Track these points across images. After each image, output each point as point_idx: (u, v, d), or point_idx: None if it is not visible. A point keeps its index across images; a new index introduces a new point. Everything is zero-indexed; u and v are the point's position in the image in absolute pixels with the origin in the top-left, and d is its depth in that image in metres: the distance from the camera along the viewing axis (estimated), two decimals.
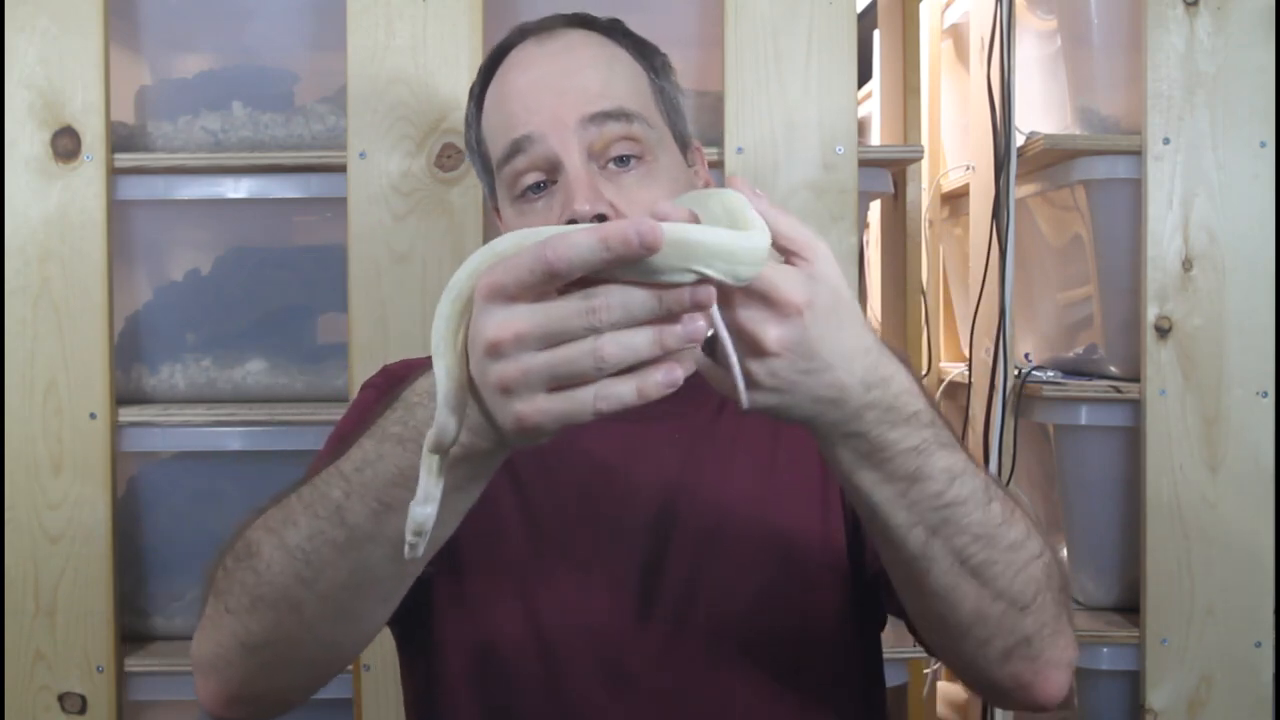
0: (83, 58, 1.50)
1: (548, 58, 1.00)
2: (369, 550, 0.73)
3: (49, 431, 1.50)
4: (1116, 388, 1.58)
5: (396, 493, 0.71)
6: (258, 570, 0.77)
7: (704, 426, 1.02)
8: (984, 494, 0.78)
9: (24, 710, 1.50)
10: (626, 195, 0.97)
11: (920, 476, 0.75)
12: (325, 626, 0.78)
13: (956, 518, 0.77)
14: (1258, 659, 1.53)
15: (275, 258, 1.63)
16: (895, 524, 0.77)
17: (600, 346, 0.61)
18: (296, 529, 0.75)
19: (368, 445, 0.73)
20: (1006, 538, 0.79)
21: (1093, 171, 1.58)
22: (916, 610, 0.85)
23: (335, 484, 0.74)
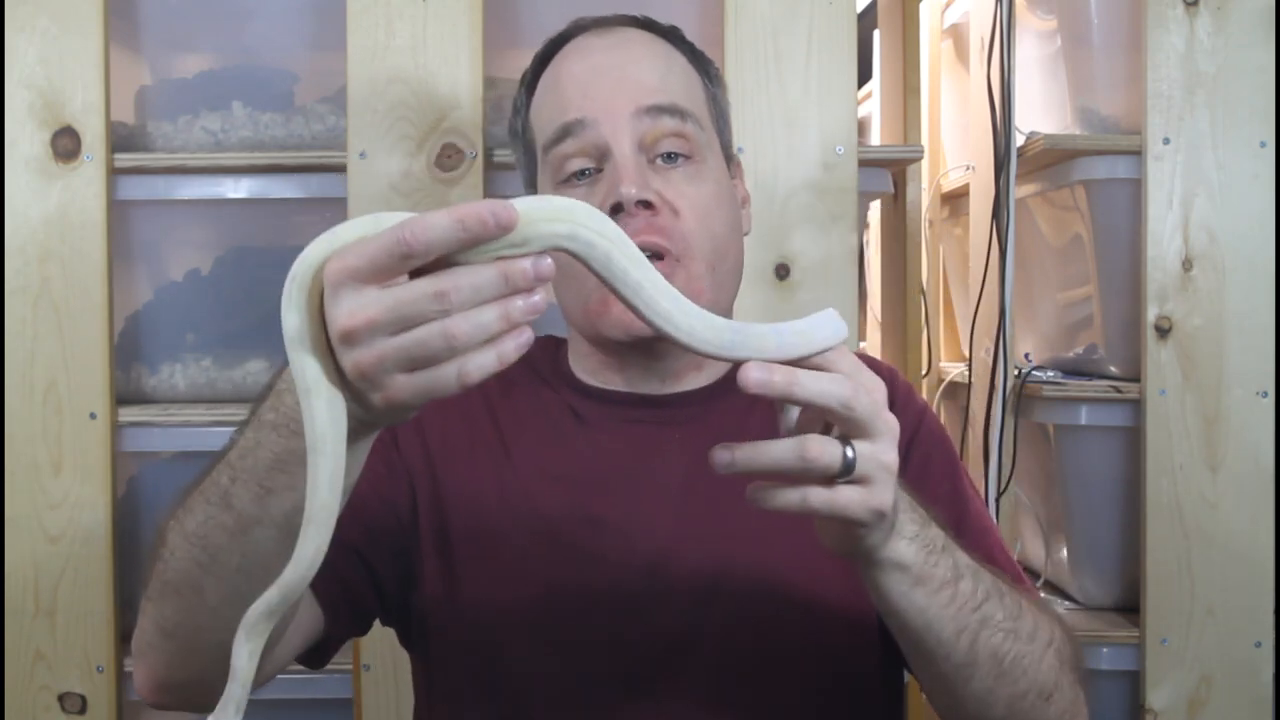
0: (83, 58, 1.50)
1: (607, 49, 1.00)
2: (256, 533, 0.73)
3: (49, 431, 1.50)
4: (1116, 388, 1.58)
5: (276, 477, 0.71)
6: (164, 558, 0.79)
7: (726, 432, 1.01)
8: (996, 586, 0.81)
9: (24, 710, 1.50)
10: (674, 189, 0.97)
11: (957, 575, 0.77)
12: (226, 610, 0.77)
13: (989, 614, 0.79)
14: (1258, 659, 1.53)
15: (275, 258, 1.63)
16: (944, 637, 0.78)
17: (449, 327, 0.61)
18: (193, 515, 0.76)
19: (249, 433, 0.73)
20: (1024, 628, 0.82)
21: (1093, 171, 1.58)
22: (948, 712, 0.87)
23: (223, 471, 0.74)
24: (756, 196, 1.48)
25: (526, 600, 0.96)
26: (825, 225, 1.48)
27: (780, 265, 1.48)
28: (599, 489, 0.98)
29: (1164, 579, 1.53)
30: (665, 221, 0.96)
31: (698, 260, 0.97)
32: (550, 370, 1.06)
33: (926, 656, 0.80)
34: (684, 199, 0.97)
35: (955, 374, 2.01)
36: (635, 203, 0.94)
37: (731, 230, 1.01)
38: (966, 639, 0.78)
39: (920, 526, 0.75)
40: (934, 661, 0.80)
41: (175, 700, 0.87)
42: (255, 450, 0.72)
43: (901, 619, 0.78)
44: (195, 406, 1.56)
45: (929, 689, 0.86)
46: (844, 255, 1.49)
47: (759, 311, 1.43)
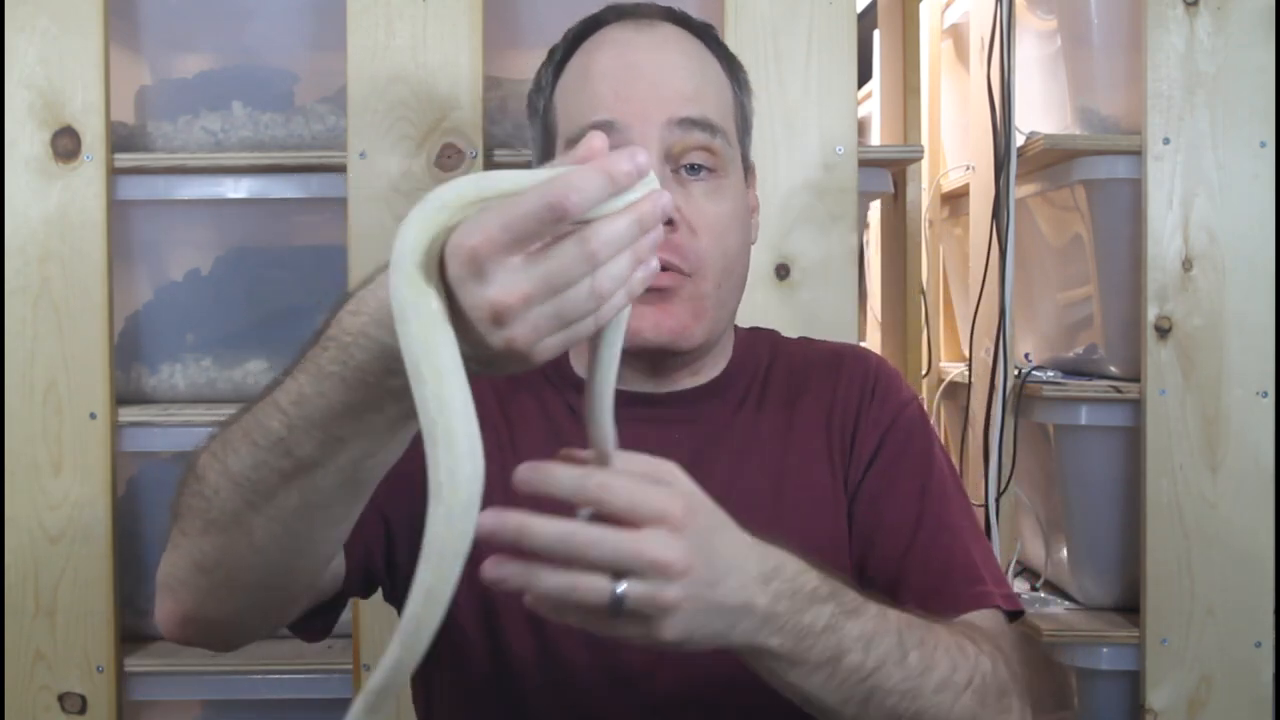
0: (83, 58, 1.50)
1: (645, 47, 0.98)
2: (318, 476, 0.72)
3: (49, 431, 1.50)
4: (1116, 388, 1.58)
5: (344, 425, 0.69)
6: (205, 495, 0.77)
7: (718, 431, 1.02)
8: (899, 649, 0.79)
9: (24, 710, 1.50)
10: (694, 205, 0.96)
11: (840, 653, 0.76)
12: (275, 549, 0.77)
13: (880, 682, 0.78)
14: (1258, 659, 1.53)
15: (275, 258, 1.63)
16: (828, 705, 0.77)
17: (598, 286, 0.60)
18: (238, 456, 0.74)
19: (303, 380, 0.70)
20: (930, 682, 0.80)
21: (1093, 171, 1.58)
22: None
23: (273, 415, 0.72)
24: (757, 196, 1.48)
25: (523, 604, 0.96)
26: (825, 225, 1.48)
27: (780, 265, 1.48)
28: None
29: (1164, 579, 1.53)
30: (682, 239, 0.96)
31: (708, 279, 0.97)
32: (554, 369, 1.06)
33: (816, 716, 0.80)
34: (703, 216, 0.96)
35: (955, 374, 2.01)
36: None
37: (742, 246, 1.02)
38: (854, 707, 0.78)
39: (792, 614, 0.73)
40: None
41: (200, 636, 0.87)
42: (316, 399, 0.69)
43: (779, 689, 0.77)
44: (195, 406, 1.56)
45: None
46: (844, 255, 1.48)
47: (759, 312, 1.43)
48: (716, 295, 0.97)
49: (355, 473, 0.72)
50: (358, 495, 0.76)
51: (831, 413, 1.02)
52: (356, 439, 0.70)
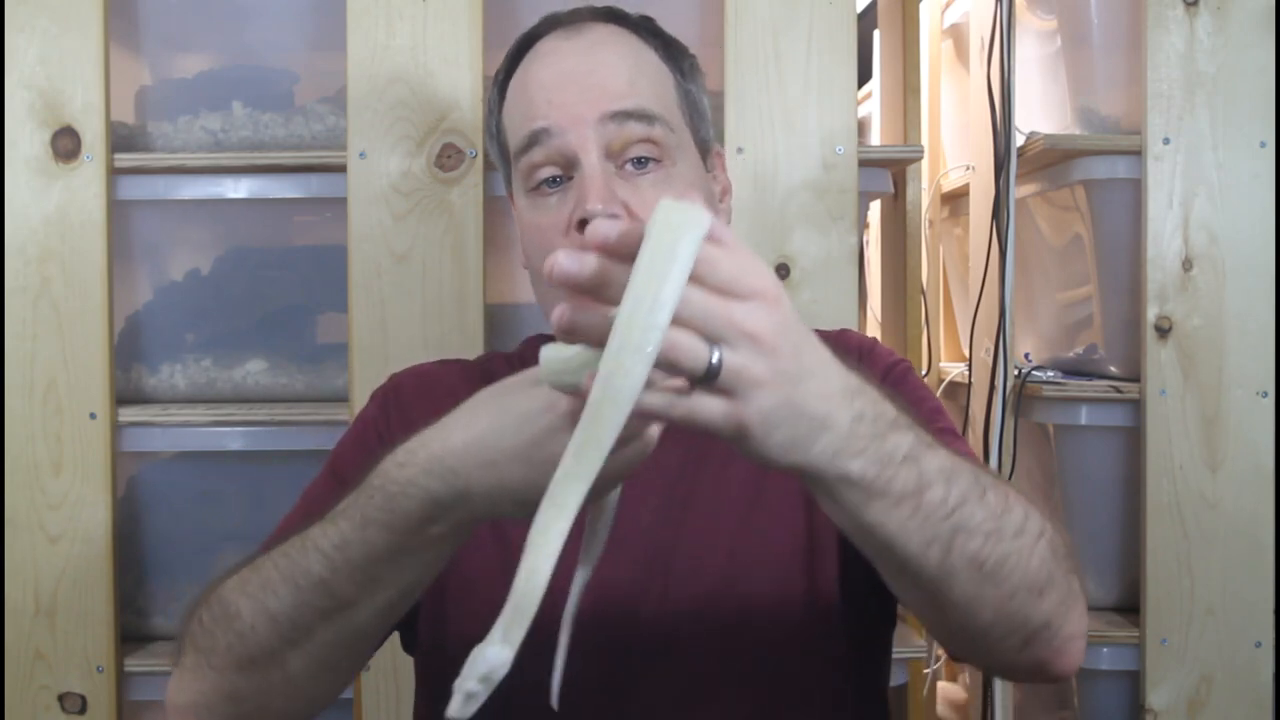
0: (83, 58, 1.50)
1: (574, 52, 1.00)
2: (357, 613, 0.77)
3: (49, 431, 1.50)
4: (1116, 388, 1.58)
5: (384, 568, 0.74)
6: (241, 633, 0.80)
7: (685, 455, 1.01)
8: (977, 486, 0.74)
9: (24, 710, 1.50)
10: (641, 197, 0.96)
11: (923, 486, 0.71)
12: (310, 679, 0.81)
13: (964, 521, 0.73)
14: (1258, 659, 1.53)
15: (275, 258, 1.63)
16: (912, 550, 0.72)
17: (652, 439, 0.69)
18: (278, 598, 0.78)
19: (345, 526, 0.75)
20: (1010, 525, 0.76)
21: (1093, 171, 1.58)
22: (935, 625, 0.83)
23: (314, 559, 0.76)
24: (756, 196, 1.48)
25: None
26: (825, 225, 1.48)
27: (780, 265, 1.48)
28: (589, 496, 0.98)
29: (1164, 579, 1.53)
30: None
31: None
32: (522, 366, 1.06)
33: (896, 571, 0.75)
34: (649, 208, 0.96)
35: (955, 374, 2.01)
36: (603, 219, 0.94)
37: None
38: (938, 550, 0.72)
39: (873, 440, 0.68)
40: (905, 575, 0.75)
41: None
42: (359, 544, 0.74)
43: (859, 536, 0.73)
44: (195, 406, 1.56)
45: (908, 602, 0.82)
46: (844, 255, 1.48)
47: None
48: None
49: (392, 607, 0.77)
50: (392, 622, 0.81)
51: None
52: (396, 580, 0.75)
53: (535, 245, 0.99)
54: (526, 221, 1.00)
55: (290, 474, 1.56)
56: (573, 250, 0.63)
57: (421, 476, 0.71)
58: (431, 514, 0.71)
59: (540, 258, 0.99)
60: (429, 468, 0.71)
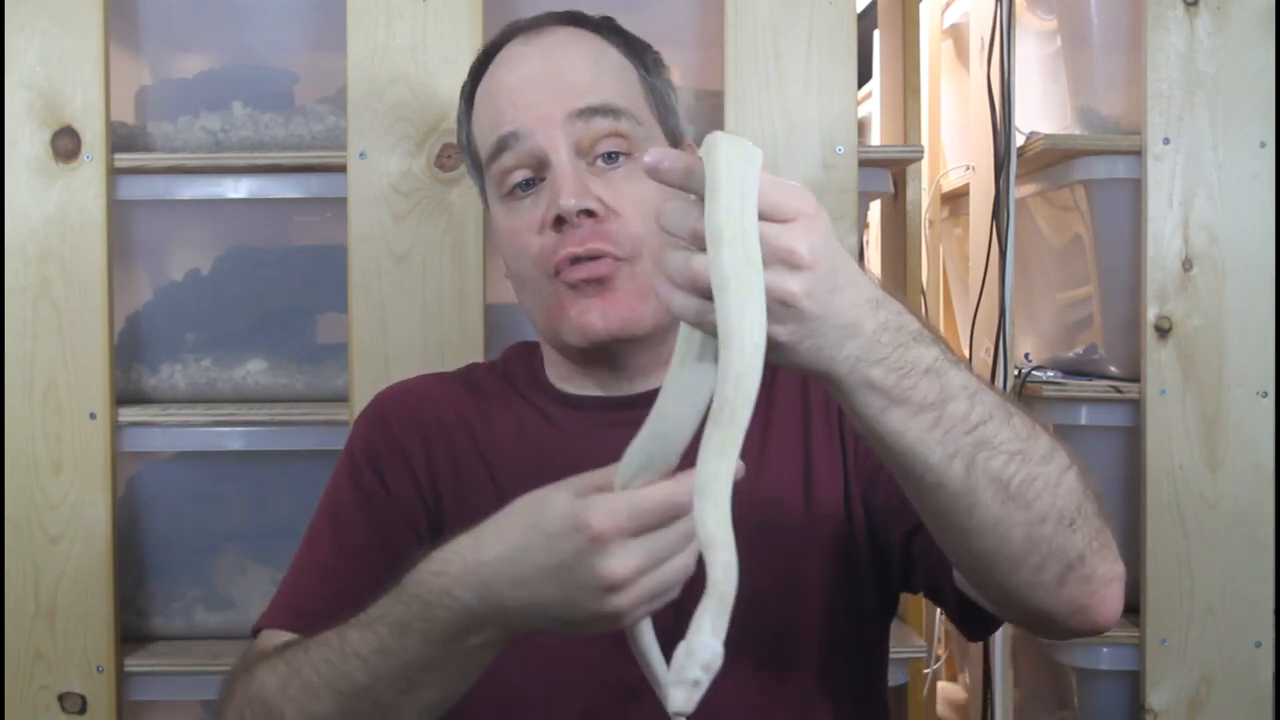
0: (83, 58, 1.50)
1: (536, 55, 1.00)
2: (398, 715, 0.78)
3: (49, 431, 1.50)
4: (1116, 388, 1.58)
5: (426, 675, 0.75)
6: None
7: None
8: (1003, 409, 0.75)
9: (24, 710, 1.50)
10: (615, 190, 0.96)
11: (945, 398, 0.72)
12: None
13: (988, 437, 0.73)
14: (1258, 659, 1.53)
15: (275, 258, 1.63)
16: (933, 462, 0.73)
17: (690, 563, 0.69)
18: (322, 703, 0.79)
19: (384, 633, 0.76)
20: (1037, 450, 0.76)
21: (1093, 171, 1.58)
22: (964, 555, 0.80)
23: (354, 666, 0.77)
24: None
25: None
26: None
27: None
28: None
29: (1164, 579, 1.53)
30: (609, 227, 0.96)
31: (647, 259, 0.96)
32: (527, 381, 1.06)
33: (919, 486, 0.75)
34: (626, 199, 0.96)
35: None
36: (577, 213, 0.94)
37: None
38: (960, 463, 0.73)
39: (896, 349, 0.70)
40: (927, 490, 0.75)
41: None
42: (399, 652, 0.75)
43: (882, 443, 0.73)
44: (195, 406, 1.56)
45: (939, 533, 0.80)
46: None
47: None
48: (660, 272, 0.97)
49: (436, 707, 0.78)
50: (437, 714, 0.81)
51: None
52: (436, 684, 0.76)
53: (514, 249, 0.99)
54: (503, 227, 1.00)
55: (290, 474, 1.56)
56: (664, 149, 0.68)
57: (456, 588, 0.71)
58: (468, 625, 0.72)
59: (520, 262, 0.99)
60: (463, 579, 0.71)
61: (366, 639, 0.77)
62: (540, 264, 0.97)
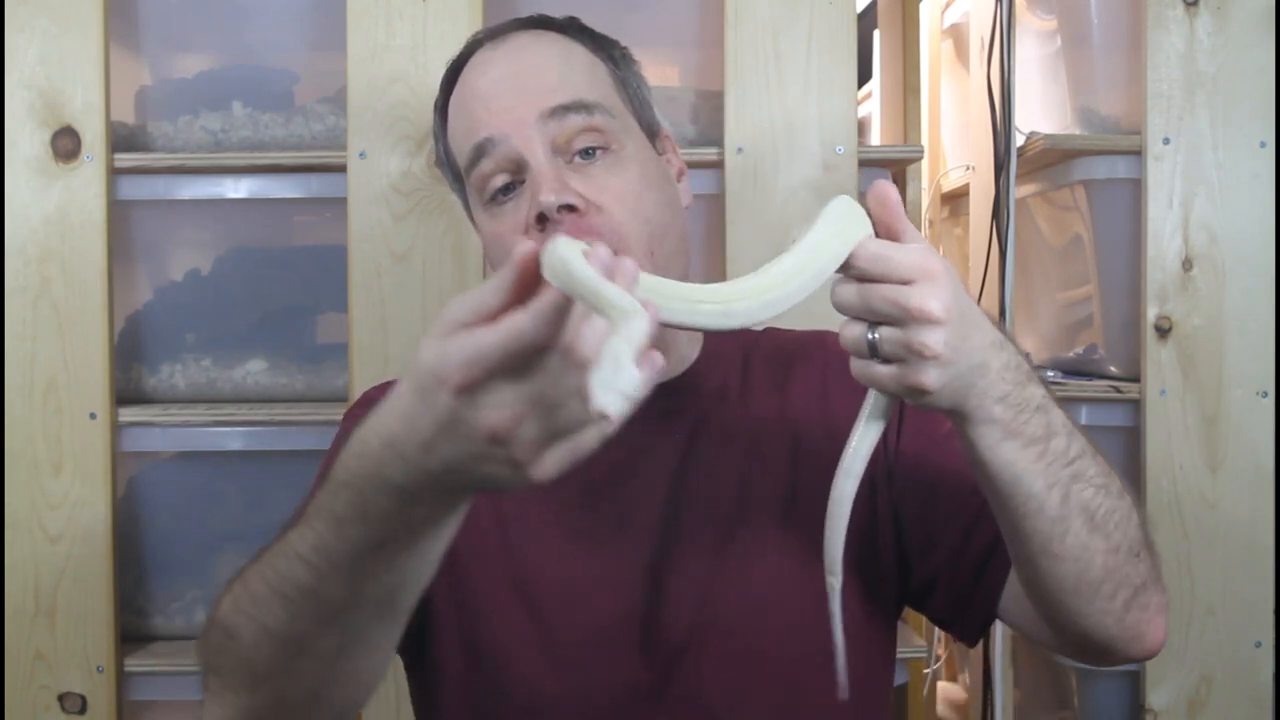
0: (83, 58, 1.50)
1: (503, 59, 1.00)
2: (353, 615, 0.75)
3: (49, 431, 1.50)
4: (1116, 388, 1.58)
5: (370, 564, 0.71)
6: (246, 656, 0.79)
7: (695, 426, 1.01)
8: (1090, 446, 0.83)
9: (24, 710, 1.50)
10: (596, 184, 0.96)
11: (1050, 434, 0.80)
12: (322, 686, 0.80)
13: (1081, 471, 0.82)
14: (1258, 659, 1.53)
15: (275, 258, 1.63)
16: (1036, 491, 0.80)
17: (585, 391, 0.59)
18: (273, 613, 0.76)
19: (320, 528, 0.72)
20: (1114, 485, 0.84)
21: (1093, 171, 1.58)
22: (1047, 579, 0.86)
23: (297, 568, 0.73)
24: (756, 196, 1.48)
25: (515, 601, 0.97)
26: None
27: None
28: (588, 496, 0.98)
29: (1164, 579, 1.53)
30: (592, 220, 0.94)
31: (634, 249, 0.95)
32: None
33: (1019, 512, 0.82)
34: (607, 192, 0.96)
35: None
36: (558, 209, 0.93)
37: (666, 209, 1.00)
38: (1058, 493, 0.80)
39: (1015, 386, 0.78)
40: (1027, 517, 0.81)
41: None
42: (339, 545, 0.71)
43: (991, 470, 0.80)
44: (195, 406, 1.56)
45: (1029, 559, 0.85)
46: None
47: None
48: (651, 264, 0.95)
49: (391, 602, 0.75)
50: (397, 620, 0.78)
51: (827, 395, 1.01)
52: (386, 573, 0.72)
53: (498, 253, 0.99)
54: (488, 233, 1.00)
55: (290, 474, 1.56)
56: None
57: (379, 466, 0.67)
58: (401, 500, 0.67)
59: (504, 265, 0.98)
60: (382, 456, 0.67)
61: (305, 537, 0.73)
62: None
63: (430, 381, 0.62)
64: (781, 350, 1.06)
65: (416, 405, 0.64)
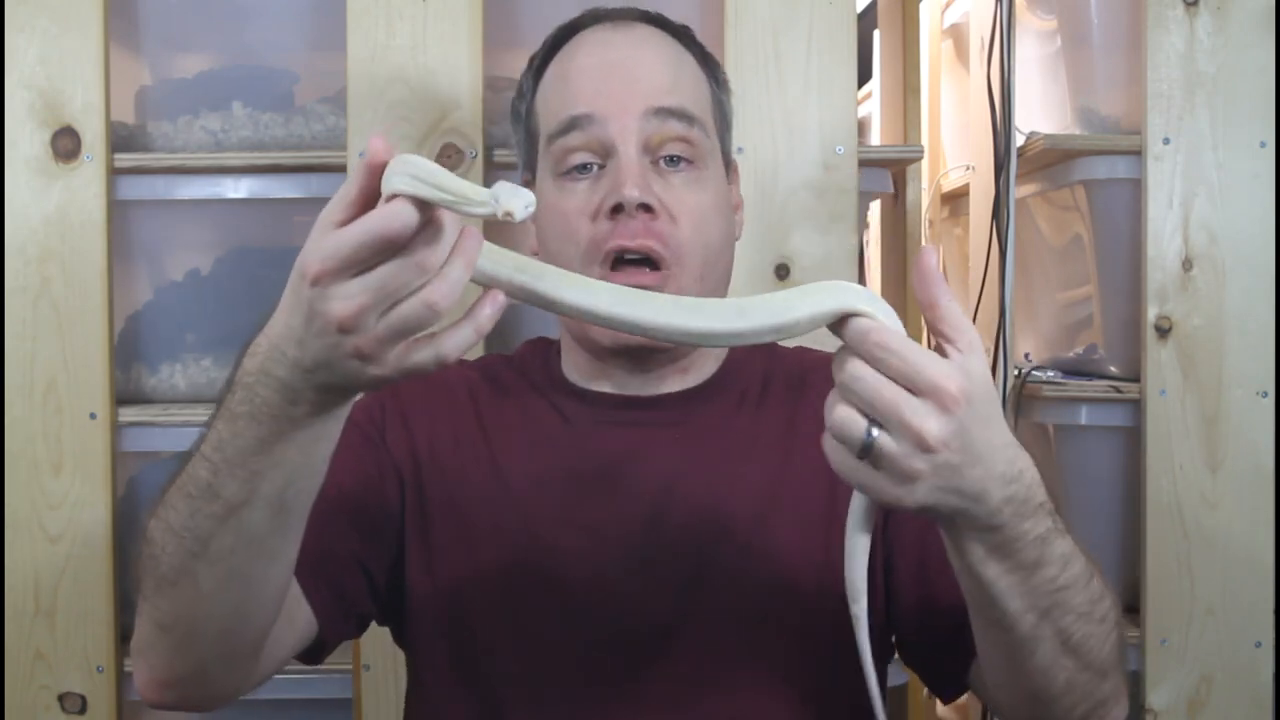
0: (83, 58, 1.50)
1: (621, 45, 1.00)
2: (246, 514, 0.76)
3: (49, 431, 1.50)
4: (1116, 388, 1.58)
5: (260, 460, 0.74)
6: (155, 556, 0.81)
7: (707, 433, 1.01)
8: (1087, 573, 0.80)
9: (24, 710, 1.50)
10: (674, 194, 0.97)
11: (1041, 564, 0.76)
12: (223, 593, 0.81)
13: (1065, 600, 0.78)
14: (1258, 659, 1.53)
15: (275, 258, 1.63)
16: (1010, 610, 0.77)
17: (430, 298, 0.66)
18: (176, 511, 0.78)
19: (220, 426, 0.76)
20: (1099, 612, 0.81)
21: (1093, 171, 1.58)
22: (1008, 685, 0.86)
23: (200, 466, 0.77)
24: (756, 196, 1.48)
25: (502, 598, 0.97)
26: (825, 225, 1.48)
27: (780, 265, 1.48)
28: (580, 491, 0.99)
29: (1164, 579, 1.53)
30: (663, 227, 0.96)
31: (688, 271, 0.97)
32: (542, 376, 1.06)
33: (989, 621, 0.80)
34: (683, 205, 0.97)
35: None
36: (636, 206, 0.94)
37: (724, 240, 1.02)
38: (1034, 616, 0.78)
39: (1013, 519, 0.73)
40: (999, 629, 0.80)
41: (176, 696, 0.88)
42: (232, 440, 0.74)
43: (967, 578, 0.77)
44: (195, 406, 1.56)
45: (993, 663, 0.85)
46: (844, 255, 1.48)
47: None
48: (699, 289, 0.97)
49: (281, 503, 0.77)
50: (288, 527, 0.80)
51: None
52: (274, 470, 0.75)
53: (557, 230, 0.99)
54: (550, 205, 0.99)
55: None
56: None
57: (265, 363, 0.72)
58: (285, 397, 0.71)
59: (561, 242, 0.98)
60: (270, 354, 0.71)
61: (207, 438, 0.77)
62: (590, 251, 0.96)
63: (296, 276, 0.68)
64: (803, 365, 1.06)
65: (290, 300, 0.70)
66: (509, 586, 0.97)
